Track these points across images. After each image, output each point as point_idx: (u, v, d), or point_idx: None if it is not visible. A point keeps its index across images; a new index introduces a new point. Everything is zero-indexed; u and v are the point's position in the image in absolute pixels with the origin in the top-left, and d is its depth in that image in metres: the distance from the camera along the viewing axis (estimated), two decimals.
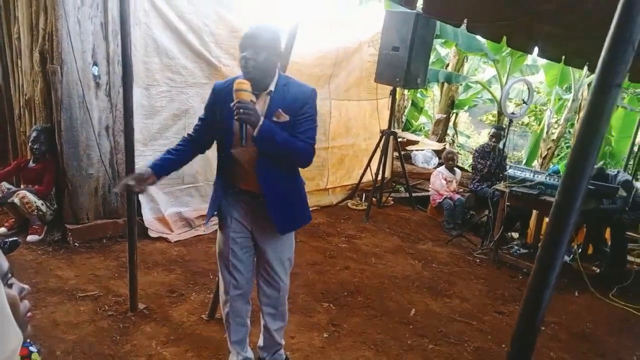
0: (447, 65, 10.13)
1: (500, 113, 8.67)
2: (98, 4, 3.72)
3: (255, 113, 2.01)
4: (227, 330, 2.54)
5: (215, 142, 2.32)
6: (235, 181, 2.29)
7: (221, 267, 2.43)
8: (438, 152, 7.76)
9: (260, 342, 2.63)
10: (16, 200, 3.79)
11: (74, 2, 3.58)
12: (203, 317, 3.11)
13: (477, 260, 4.74)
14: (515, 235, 5.61)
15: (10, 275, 0.94)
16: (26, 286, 0.99)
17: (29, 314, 0.98)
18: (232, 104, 2.01)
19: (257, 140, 2.04)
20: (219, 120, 2.20)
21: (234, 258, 2.36)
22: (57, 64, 3.64)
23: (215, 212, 2.37)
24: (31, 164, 4.02)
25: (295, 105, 2.15)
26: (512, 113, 5.39)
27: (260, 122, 2.02)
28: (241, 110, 1.97)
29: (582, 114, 1.03)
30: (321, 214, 5.46)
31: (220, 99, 2.19)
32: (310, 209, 5.65)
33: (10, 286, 0.94)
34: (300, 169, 2.40)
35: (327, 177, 5.76)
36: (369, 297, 3.68)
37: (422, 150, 7.89)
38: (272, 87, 2.17)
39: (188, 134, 2.36)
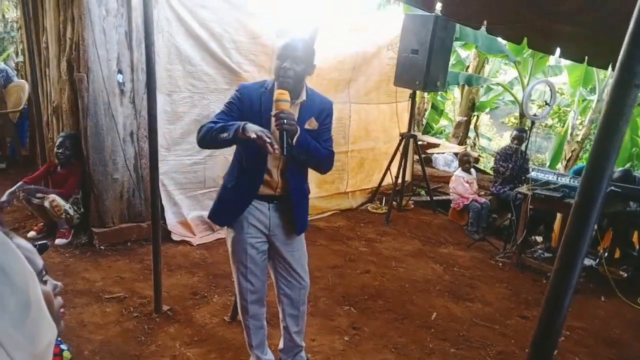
0: (468, 67, 10.05)
1: (523, 115, 8.55)
2: (123, 14, 3.82)
3: (296, 123, 2.09)
4: (246, 336, 2.57)
5: (242, 147, 2.30)
6: (259, 186, 2.31)
7: (237, 274, 2.44)
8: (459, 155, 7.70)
9: (281, 345, 2.65)
10: (46, 203, 3.90)
11: (99, 12, 3.69)
12: (225, 319, 3.16)
13: (500, 264, 4.69)
14: (539, 238, 5.52)
15: (44, 272, 0.98)
16: (59, 283, 1.04)
17: (62, 309, 1.03)
18: (273, 114, 2.08)
19: (296, 149, 2.12)
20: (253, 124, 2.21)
21: (252, 263, 2.39)
22: (83, 72, 3.75)
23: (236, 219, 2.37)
24: (59, 169, 4.14)
25: (322, 114, 2.28)
26: (535, 115, 5.32)
27: (299, 132, 2.09)
28: (285, 121, 2.02)
29: (601, 114, 1.03)
30: (341, 217, 5.47)
31: (250, 101, 2.23)
32: (330, 212, 5.72)
33: (44, 283, 0.98)
34: (319, 173, 2.45)
35: (347, 181, 5.78)
36: (390, 300, 3.67)
37: (443, 153, 7.84)
38: (304, 97, 2.26)
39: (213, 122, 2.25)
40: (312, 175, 2.53)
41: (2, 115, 5.57)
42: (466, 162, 6.01)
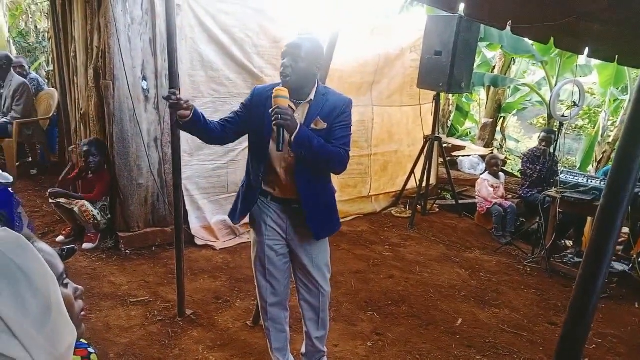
0: (494, 68, 9.88)
1: (551, 116, 8.35)
2: (147, 22, 3.89)
3: (292, 119, 2.05)
4: (267, 338, 2.57)
5: (249, 147, 2.38)
6: (269, 188, 2.32)
7: (257, 274, 2.46)
8: (485, 158, 7.56)
9: (303, 350, 2.64)
10: (76, 208, 3.99)
11: (125, 21, 3.77)
12: (248, 324, 3.16)
13: (528, 269, 4.57)
14: (570, 243, 5.37)
15: (65, 276, 1.00)
16: (80, 287, 1.05)
17: (82, 312, 1.04)
18: (270, 110, 2.06)
19: (294, 145, 2.07)
20: (257, 124, 2.25)
21: (270, 265, 2.39)
22: (109, 79, 3.83)
23: (244, 216, 2.42)
24: (89, 174, 4.21)
25: (333, 113, 2.21)
26: (563, 116, 5.18)
27: (298, 128, 2.05)
28: (279, 116, 2.00)
29: (627, 114, 0.98)
30: (364, 221, 5.43)
31: (259, 102, 2.24)
32: (353, 216, 5.68)
33: (65, 286, 0.99)
34: (340, 176, 2.44)
35: (370, 184, 5.73)
36: (414, 306, 3.62)
37: (469, 155, 7.71)
38: (311, 97, 2.22)
39: (222, 119, 2.35)
40: (335, 179, 2.50)
41: (33, 123, 5.74)
42: (494, 165, 5.88)
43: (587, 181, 4.43)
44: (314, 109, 2.21)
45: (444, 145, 6.11)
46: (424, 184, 5.58)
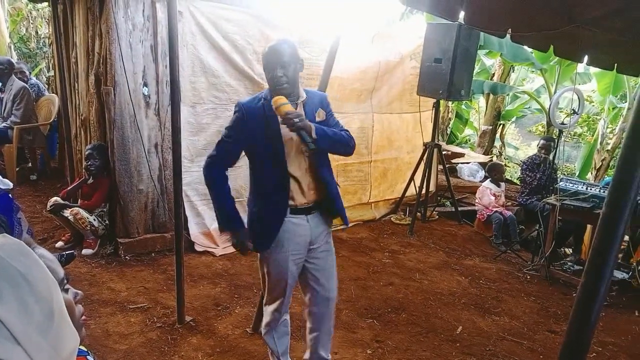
0: (493, 75, 9.92)
1: (550, 124, 8.38)
2: (148, 28, 3.91)
3: (304, 119, 2.10)
4: (275, 345, 2.53)
5: (256, 169, 2.33)
6: (291, 199, 2.26)
7: (276, 290, 2.38)
8: (484, 165, 7.57)
9: (307, 356, 2.63)
10: (70, 216, 3.98)
11: (126, 27, 3.78)
12: (247, 331, 3.15)
13: (528, 277, 4.56)
14: (569, 250, 5.37)
15: (66, 281, 1.00)
16: (80, 291, 1.05)
17: (83, 317, 1.04)
18: (281, 120, 2.09)
19: (319, 140, 2.12)
20: (261, 139, 2.21)
21: (292, 279, 2.35)
22: (110, 85, 3.84)
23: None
24: (89, 180, 4.20)
25: (323, 105, 2.34)
26: (562, 123, 5.20)
27: (312, 124, 2.11)
28: (296, 120, 2.03)
29: (628, 122, 0.99)
30: (364, 228, 5.43)
31: (253, 118, 2.20)
32: (353, 223, 5.67)
33: (66, 291, 0.99)
34: (340, 182, 2.49)
35: (370, 191, 5.73)
36: (414, 313, 3.61)
37: (468, 163, 7.72)
38: (303, 95, 2.27)
39: (218, 166, 2.30)
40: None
41: (34, 128, 5.74)
42: (498, 172, 5.88)
43: (587, 189, 4.44)
44: (309, 105, 2.26)
45: (443, 153, 6.12)
46: (423, 191, 5.58)
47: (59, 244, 4.16)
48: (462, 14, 2.84)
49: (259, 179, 2.32)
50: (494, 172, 5.93)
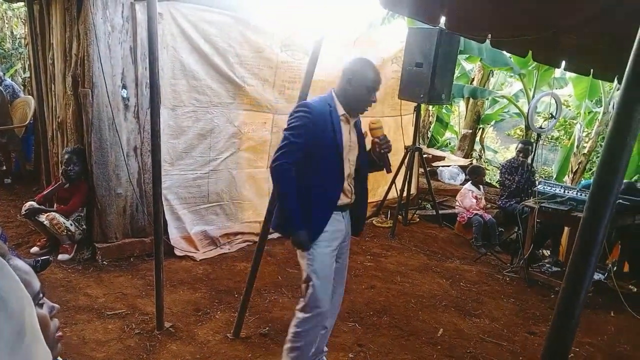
0: (473, 80, 10.04)
1: (529, 127, 8.52)
2: (127, 30, 3.85)
3: (391, 145, 2.43)
4: (311, 344, 2.51)
5: (314, 167, 2.37)
6: (338, 200, 2.43)
7: (324, 286, 2.42)
8: (464, 168, 7.65)
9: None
10: (46, 221, 3.89)
11: (105, 29, 3.72)
12: (228, 336, 3.12)
13: (507, 279, 4.62)
14: (547, 252, 5.45)
15: (41, 295, 0.96)
16: (56, 305, 1.01)
17: (58, 333, 1.00)
18: (375, 140, 2.40)
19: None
20: (327, 140, 2.33)
21: (332, 274, 2.48)
22: (88, 87, 3.77)
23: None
24: (66, 185, 4.11)
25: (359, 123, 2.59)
26: (540, 127, 5.29)
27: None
28: (387, 144, 2.40)
29: (608, 128, 1.00)
30: None
31: (321, 119, 2.32)
32: None
33: (41, 306, 0.96)
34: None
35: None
36: (395, 316, 3.62)
37: (449, 166, 7.79)
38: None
39: (289, 165, 2.31)
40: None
41: (8, 131, 5.60)
42: (478, 174, 5.96)
43: (564, 192, 4.52)
44: (357, 122, 2.54)
45: (424, 156, 6.16)
46: (404, 194, 5.61)
47: (34, 249, 4.06)
48: (442, 19, 2.87)
49: (315, 178, 2.38)
50: (475, 174, 6.00)
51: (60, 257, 3.95)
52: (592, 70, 3.43)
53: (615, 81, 3.93)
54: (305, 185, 2.34)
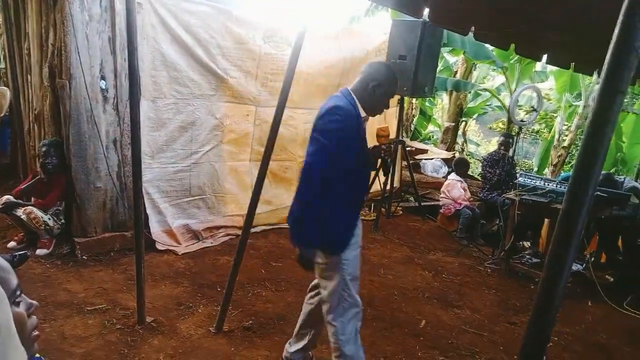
0: (456, 73, 10.11)
1: (510, 121, 8.61)
2: (106, 20, 3.77)
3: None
4: (357, 341, 2.53)
5: (344, 176, 2.28)
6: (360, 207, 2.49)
7: (357, 286, 2.45)
8: (447, 161, 7.71)
9: (299, 346, 2.73)
10: (23, 216, 3.81)
11: (82, 18, 3.63)
12: (211, 330, 3.09)
13: (489, 270, 4.68)
14: (527, 244, 5.54)
15: (19, 292, 0.93)
16: (34, 302, 0.98)
17: (35, 332, 0.97)
18: (380, 146, 2.49)
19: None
20: (356, 147, 2.30)
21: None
22: (65, 78, 3.68)
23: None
24: (44, 178, 4.03)
25: None
26: (522, 120, 5.35)
27: None
28: (391, 150, 2.40)
29: (587, 120, 1.01)
30: None
31: (350, 126, 2.25)
32: None
33: (17, 304, 0.93)
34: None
35: None
36: (379, 308, 3.64)
37: (431, 159, 7.84)
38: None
39: (322, 175, 2.19)
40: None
41: None
42: (464, 166, 6.02)
43: (544, 184, 4.58)
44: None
45: (407, 149, 6.18)
46: (388, 187, 5.63)
47: (11, 244, 3.98)
48: (426, 11, 2.87)
49: (347, 182, 2.28)
50: (461, 166, 6.05)
51: (39, 252, 3.87)
52: (572, 63, 3.47)
53: (595, 75, 3.98)
54: (337, 191, 2.26)
